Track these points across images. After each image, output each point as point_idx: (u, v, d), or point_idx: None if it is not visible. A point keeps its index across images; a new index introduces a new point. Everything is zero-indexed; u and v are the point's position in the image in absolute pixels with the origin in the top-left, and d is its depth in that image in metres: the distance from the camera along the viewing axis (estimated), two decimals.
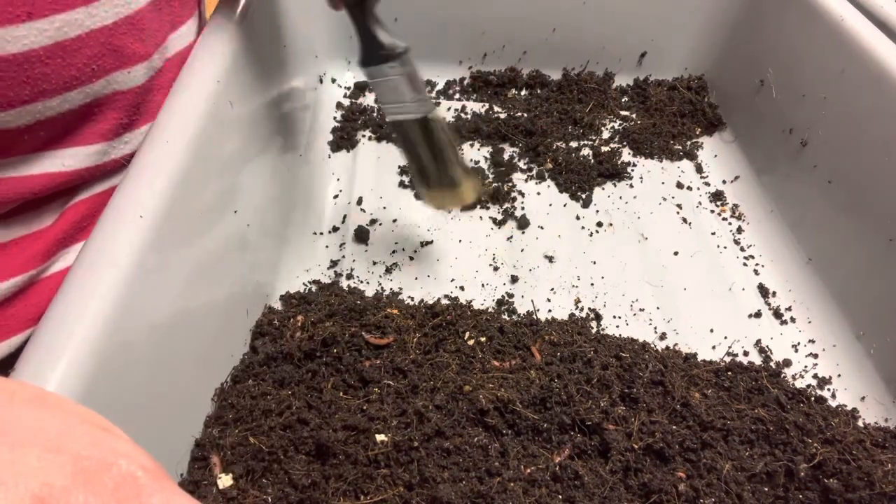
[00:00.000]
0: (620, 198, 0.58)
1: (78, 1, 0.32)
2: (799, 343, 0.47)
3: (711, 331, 0.48)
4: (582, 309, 0.48)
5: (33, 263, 0.35)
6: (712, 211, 0.58)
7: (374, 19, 0.42)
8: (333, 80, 0.67)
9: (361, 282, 0.49)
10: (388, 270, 0.50)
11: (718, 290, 0.51)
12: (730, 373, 0.42)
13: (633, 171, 0.61)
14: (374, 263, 0.51)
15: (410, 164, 0.47)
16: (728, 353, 0.46)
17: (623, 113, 0.67)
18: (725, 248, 0.55)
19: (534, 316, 0.47)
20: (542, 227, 0.55)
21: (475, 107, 0.66)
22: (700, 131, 0.65)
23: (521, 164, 0.60)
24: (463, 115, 0.65)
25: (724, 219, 0.57)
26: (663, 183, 0.60)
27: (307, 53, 0.60)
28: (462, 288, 0.50)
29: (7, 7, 0.29)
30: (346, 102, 0.65)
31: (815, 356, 0.47)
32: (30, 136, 0.33)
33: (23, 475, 0.15)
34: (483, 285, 0.50)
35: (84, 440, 0.17)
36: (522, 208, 0.56)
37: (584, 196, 0.58)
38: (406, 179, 0.58)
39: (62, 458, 0.16)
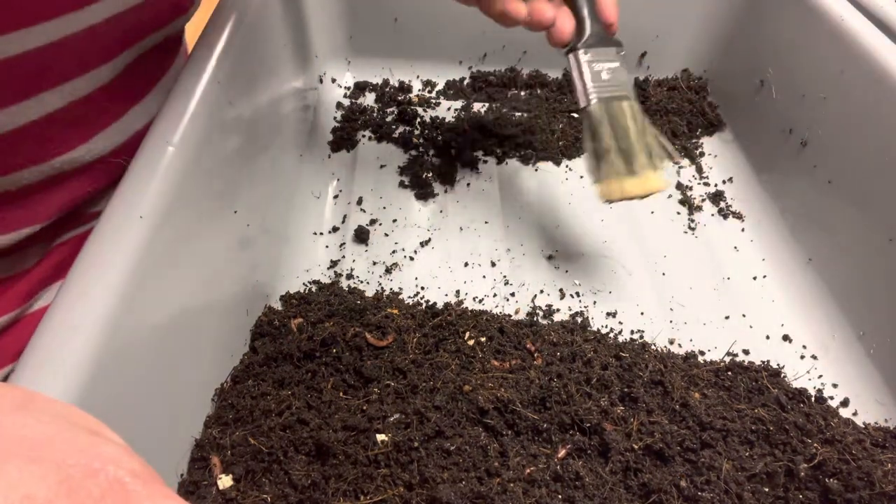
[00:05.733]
0: None
1: (9, 99, 0.31)
2: (799, 343, 0.47)
3: (711, 330, 0.48)
4: (581, 309, 0.48)
5: (15, 304, 0.35)
6: (712, 213, 0.58)
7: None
8: (333, 80, 0.67)
9: (361, 282, 0.49)
10: (388, 270, 0.50)
11: (718, 290, 0.51)
12: (730, 373, 0.42)
13: None
14: (374, 263, 0.51)
15: (599, 150, 0.45)
16: (728, 353, 0.46)
17: None
18: (725, 247, 0.55)
19: (534, 316, 0.47)
20: (542, 227, 0.55)
21: (475, 107, 0.66)
22: (700, 131, 0.65)
23: (521, 164, 0.60)
24: (463, 115, 0.65)
25: (725, 218, 0.57)
26: None
27: (307, 53, 0.60)
28: (462, 288, 0.50)
29: None
30: (346, 102, 0.65)
31: (815, 356, 0.47)
32: None
33: (3, 488, 0.14)
34: (483, 285, 0.50)
35: (70, 447, 0.16)
36: (522, 208, 0.56)
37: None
38: (406, 180, 0.58)
39: (45, 467, 0.15)
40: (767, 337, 0.48)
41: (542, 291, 0.50)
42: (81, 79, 0.34)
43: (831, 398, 0.44)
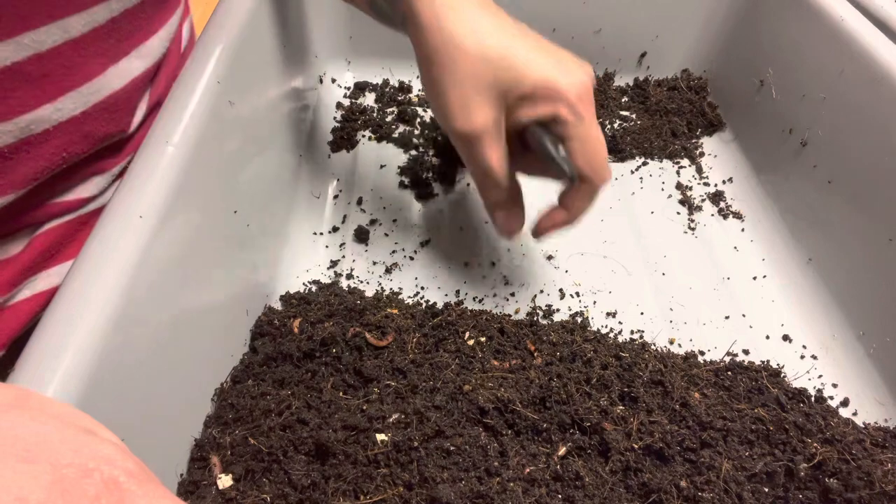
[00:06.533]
0: (619, 199, 0.58)
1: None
2: (799, 343, 0.47)
3: (711, 330, 0.48)
4: (581, 309, 0.48)
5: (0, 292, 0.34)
6: (712, 213, 0.58)
7: None
8: (333, 80, 0.67)
9: (361, 282, 0.49)
10: (388, 270, 0.50)
11: (718, 290, 0.51)
12: (730, 373, 0.42)
13: (632, 171, 0.61)
14: (374, 263, 0.51)
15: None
16: (728, 353, 0.46)
17: (623, 113, 0.67)
18: (725, 247, 0.55)
19: (534, 316, 0.47)
20: None
21: None
22: (700, 131, 0.65)
23: None
24: None
25: (725, 218, 0.57)
26: (663, 183, 0.60)
27: (307, 53, 0.60)
28: (462, 288, 0.50)
29: None
30: (346, 102, 0.65)
31: (815, 356, 0.47)
32: None
33: None
34: (483, 285, 0.50)
35: (64, 447, 0.16)
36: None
37: None
38: (406, 180, 0.58)
39: (39, 468, 0.15)
40: (767, 337, 0.48)
41: (542, 291, 0.50)
42: (45, 30, 0.31)
43: (831, 398, 0.44)
